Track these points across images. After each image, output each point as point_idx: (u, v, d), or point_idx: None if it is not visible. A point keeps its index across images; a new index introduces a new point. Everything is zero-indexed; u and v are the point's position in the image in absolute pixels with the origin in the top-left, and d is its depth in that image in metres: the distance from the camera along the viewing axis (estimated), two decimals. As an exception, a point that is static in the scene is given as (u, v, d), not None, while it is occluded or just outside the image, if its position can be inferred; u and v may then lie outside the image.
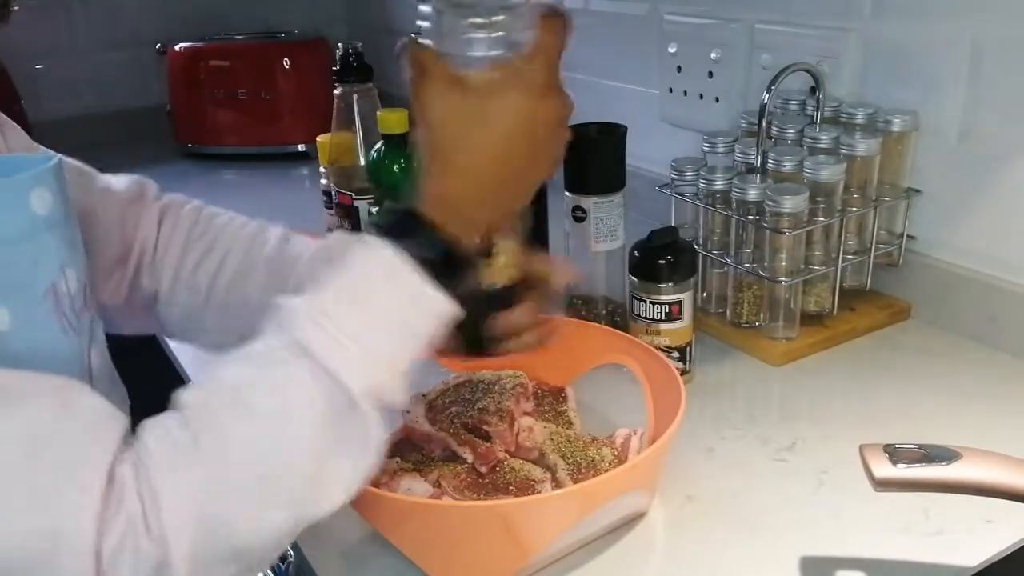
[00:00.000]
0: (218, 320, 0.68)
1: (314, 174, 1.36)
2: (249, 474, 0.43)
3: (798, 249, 0.85)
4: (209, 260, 0.68)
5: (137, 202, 0.70)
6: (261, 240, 0.69)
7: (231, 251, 0.68)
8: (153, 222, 0.70)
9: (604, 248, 0.89)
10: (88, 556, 0.39)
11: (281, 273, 0.67)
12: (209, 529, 0.42)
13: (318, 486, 0.45)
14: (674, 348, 0.80)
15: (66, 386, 0.44)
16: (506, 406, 0.69)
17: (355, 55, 1.08)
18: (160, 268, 0.69)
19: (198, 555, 0.41)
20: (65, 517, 0.39)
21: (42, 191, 0.47)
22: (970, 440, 0.56)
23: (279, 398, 0.45)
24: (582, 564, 0.61)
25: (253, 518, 0.43)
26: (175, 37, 1.72)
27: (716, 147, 0.93)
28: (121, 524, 0.40)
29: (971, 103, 0.84)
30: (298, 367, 0.45)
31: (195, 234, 0.70)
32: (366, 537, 0.64)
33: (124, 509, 0.40)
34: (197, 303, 0.68)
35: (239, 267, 0.68)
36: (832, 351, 0.88)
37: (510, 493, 0.62)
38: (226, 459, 0.43)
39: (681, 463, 0.70)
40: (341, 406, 0.45)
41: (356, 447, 0.46)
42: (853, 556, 0.60)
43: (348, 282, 0.49)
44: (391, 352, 0.48)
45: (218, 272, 0.68)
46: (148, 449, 0.42)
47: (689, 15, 1.11)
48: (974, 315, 0.87)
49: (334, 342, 0.46)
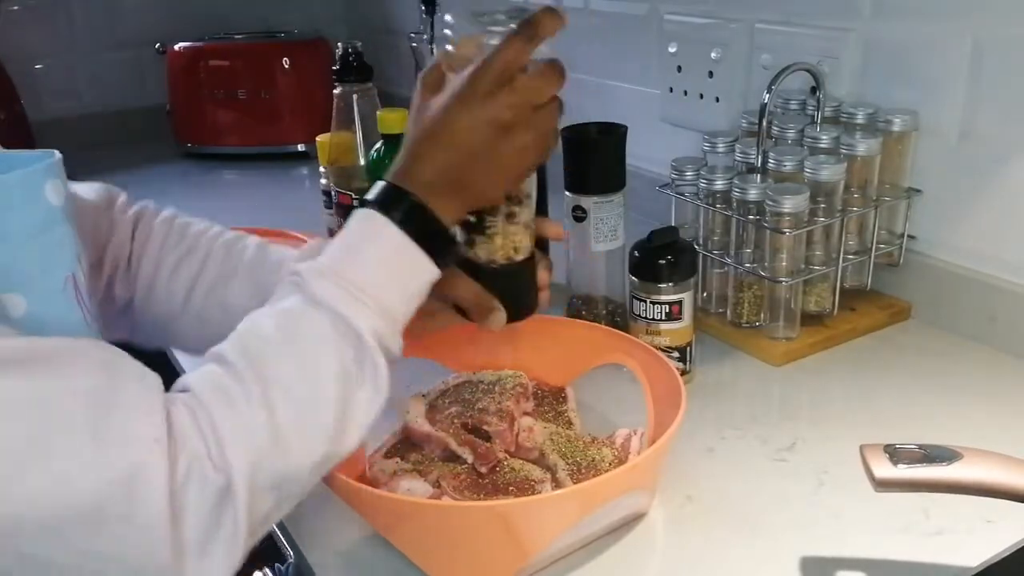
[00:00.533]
0: (195, 327, 0.70)
1: (314, 174, 1.36)
2: (292, 411, 0.49)
3: (798, 249, 0.85)
4: (186, 267, 0.70)
5: (108, 210, 0.71)
6: (240, 247, 0.71)
7: (210, 257, 0.70)
8: (127, 231, 0.71)
9: (604, 248, 0.89)
10: (163, 490, 0.43)
11: (262, 278, 0.69)
12: (262, 459, 0.47)
13: (344, 421, 0.51)
14: (674, 348, 0.80)
15: (103, 348, 0.47)
16: (506, 406, 0.69)
17: (355, 55, 1.08)
18: (135, 276, 0.70)
19: (254, 481, 0.46)
20: (142, 456, 0.43)
21: (55, 182, 0.49)
22: (970, 440, 0.56)
23: (307, 345, 0.51)
24: (582, 564, 0.61)
25: (297, 449, 0.49)
26: (175, 37, 1.72)
27: (716, 147, 0.93)
28: (187, 457, 0.44)
29: (971, 103, 0.84)
30: (318, 316, 0.52)
31: (171, 242, 0.71)
32: (366, 537, 0.64)
33: (188, 445, 0.45)
34: (174, 310, 0.70)
35: (219, 273, 0.70)
36: (832, 351, 0.88)
37: (510, 493, 0.62)
38: (271, 398, 0.48)
39: (681, 463, 0.70)
40: (356, 348, 0.52)
41: (370, 384, 0.52)
42: (853, 556, 0.60)
43: (350, 245, 0.55)
44: (391, 304, 0.54)
45: (197, 279, 0.70)
46: (202, 394, 0.48)
47: (689, 15, 1.11)
48: (974, 315, 0.87)
49: (342, 292, 0.52)
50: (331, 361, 0.51)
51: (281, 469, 0.48)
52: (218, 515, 0.45)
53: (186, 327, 0.70)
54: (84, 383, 0.44)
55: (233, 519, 0.45)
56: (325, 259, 0.54)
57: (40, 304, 0.48)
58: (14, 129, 1.54)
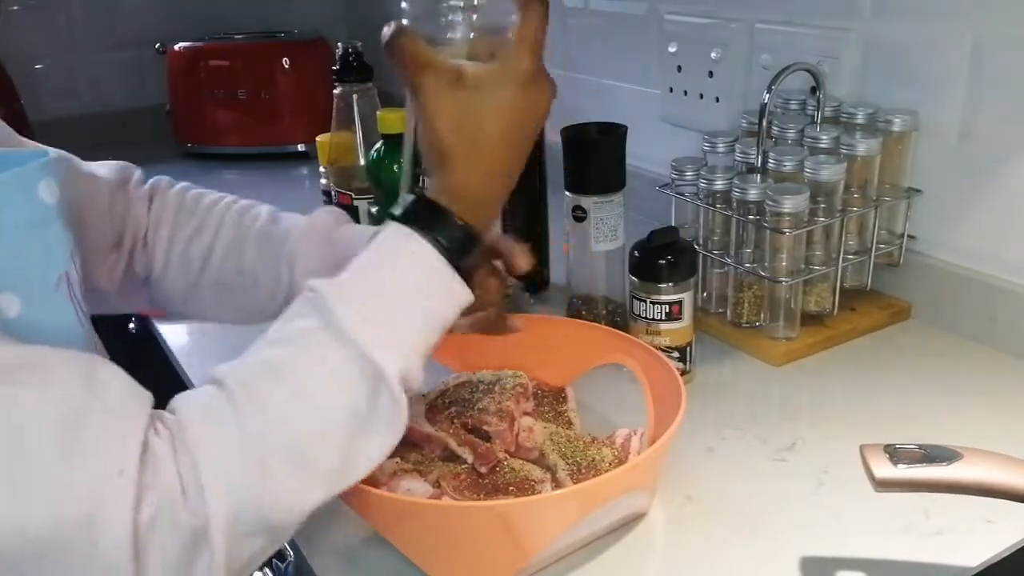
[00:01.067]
0: (214, 295, 0.69)
1: (314, 174, 1.37)
2: (287, 451, 0.44)
3: (798, 249, 0.85)
4: (201, 237, 0.69)
5: (123, 187, 0.71)
6: (251, 216, 0.70)
7: (222, 226, 0.69)
8: (143, 206, 0.71)
9: (604, 248, 0.89)
10: (125, 526, 0.39)
11: (272, 246, 0.68)
12: (246, 503, 0.43)
13: (349, 463, 0.47)
14: (674, 348, 0.80)
15: (92, 362, 0.44)
16: (506, 406, 0.69)
17: (355, 55, 1.08)
18: (152, 250, 0.70)
19: (234, 528, 0.42)
20: (102, 489, 0.39)
21: (49, 181, 0.48)
22: (970, 440, 0.56)
23: (315, 378, 0.46)
24: (582, 564, 0.61)
25: (289, 493, 0.44)
26: (175, 37, 1.72)
27: (716, 147, 0.93)
28: (157, 496, 0.40)
29: (971, 103, 0.84)
30: (333, 348, 0.47)
31: (184, 214, 0.70)
32: (366, 537, 0.64)
33: (161, 481, 0.41)
34: (191, 280, 0.69)
35: (231, 242, 0.69)
36: (832, 351, 0.88)
37: (510, 493, 0.62)
38: (265, 435, 0.44)
39: (681, 463, 0.70)
40: (373, 387, 0.47)
41: (384, 426, 0.48)
42: (853, 556, 0.60)
43: (377, 267, 0.51)
44: (416, 336, 0.50)
45: (211, 248, 0.69)
46: (187, 422, 0.43)
47: (689, 15, 1.11)
48: (974, 315, 0.87)
49: (366, 323, 0.47)
50: (343, 402, 0.46)
51: (268, 515, 0.44)
52: (190, 558, 0.41)
53: (205, 296, 0.70)
54: (61, 401, 0.40)
55: (208, 566, 0.41)
56: (349, 278, 0.50)
57: (34, 303, 0.47)
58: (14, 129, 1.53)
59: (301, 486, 0.45)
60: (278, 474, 0.44)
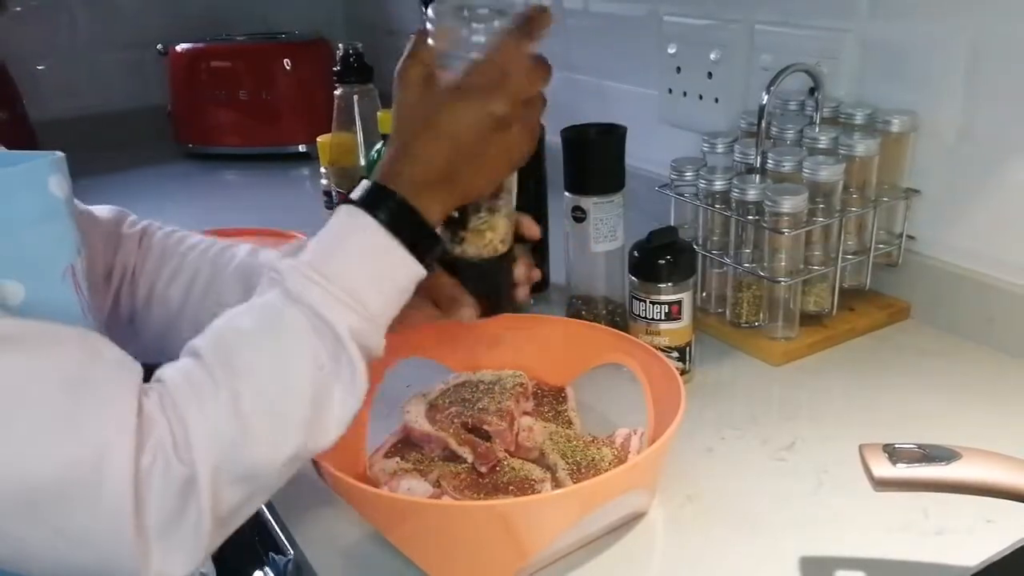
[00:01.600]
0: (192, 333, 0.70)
1: (314, 174, 1.37)
2: (261, 404, 0.49)
3: (797, 249, 0.85)
4: (180, 278, 0.72)
5: (117, 228, 0.74)
6: (228, 255, 0.73)
7: (200, 268, 0.72)
8: (133, 245, 0.74)
9: (604, 248, 0.89)
10: (128, 473, 0.44)
11: (252, 279, 0.69)
12: (228, 452, 0.48)
13: (318, 417, 0.51)
14: (674, 348, 0.80)
15: (89, 335, 0.49)
16: (506, 406, 0.69)
17: (355, 55, 1.09)
18: (136, 287, 0.73)
19: (219, 475, 0.47)
20: (107, 439, 0.44)
21: (59, 177, 0.51)
22: (969, 440, 0.56)
23: (281, 339, 0.51)
24: (582, 564, 0.61)
25: (266, 443, 0.49)
26: (176, 37, 1.73)
27: (715, 147, 0.94)
28: (153, 446, 0.45)
29: (970, 103, 0.84)
30: (294, 312, 0.52)
31: (168, 254, 0.74)
32: (366, 537, 0.64)
33: (154, 434, 0.46)
34: (170, 318, 0.72)
35: (209, 281, 0.72)
36: (831, 351, 0.88)
37: (510, 493, 0.62)
38: (240, 392, 0.49)
39: (681, 463, 0.70)
40: (333, 345, 0.52)
41: (346, 382, 0.52)
42: (853, 556, 0.60)
43: (332, 243, 0.55)
44: (372, 303, 0.54)
45: (189, 287, 0.72)
46: (172, 385, 0.49)
47: (688, 16, 1.12)
48: (973, 315, 0.87)
49: (322, 290, 0.52)
50: (305, 356, 0.51)
51: (249, 463, 0.49)
52: (182, 505, 0.46)
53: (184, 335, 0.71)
54: (64, 365, 0.45)
55: (197, 510, 0.46)
56: (306, 255, 0.54)
57: (39, 292, 0.49)
58: (16, 129, 1.54)
59: (276, 437, 0.50)
60: (254, 427, 0.49)
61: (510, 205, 0.65)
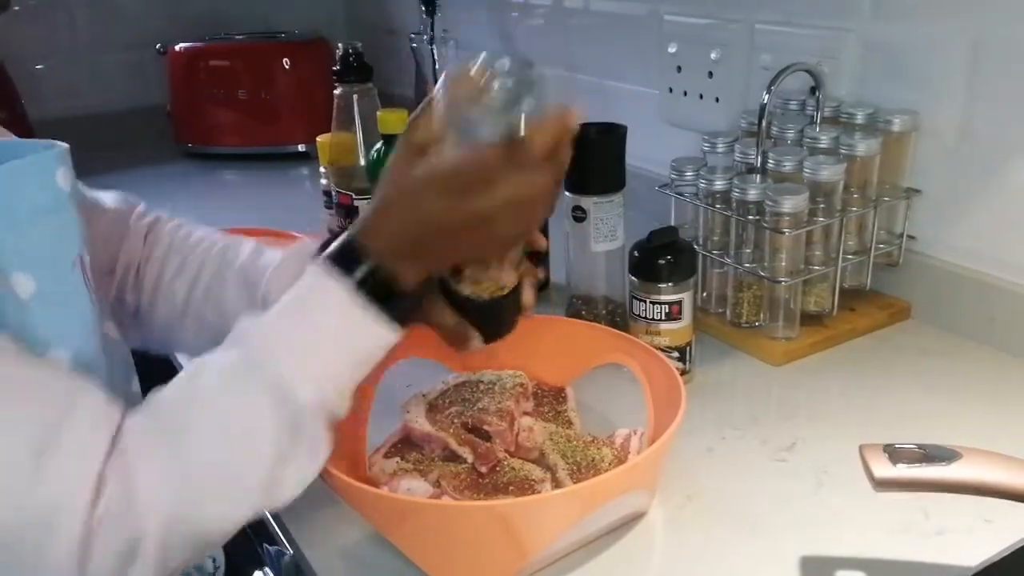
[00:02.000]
0: (195, 329, 0.72)
1: (314, 174, 1.36)
2: (215, 472, 0.49)
3: (798, 249, 0.85)
4: (185, 272, 0.72)
5: (124, 219, 0.73)
6: (233, 253, 0.72)
7: (205, 263, 0.72)
8: (139, 237, 0.73)
9: (604, 248, 0.89)
10: (78, 533, 0.44)
11: (252, 282, 0.70)
12: (178, 517, 0.47)
13: (274, 484, 0.51)
14: (674, 348, 0.80)
15: (73, 383, 0.49)
16: (506, 406, 0.69)
17: (355, 55, 1.08)
18: (142, 282, 0.73)
19: (166, 539, 0.47)
20: (62, 502, 0.44)
21: (65, 170, 0.51)
22: (969, 440, 0.56)
23: (241, 407, 0.50)
24: (582, 564, 0.61)
25: (217, 510, 0.49)
26: (175, 37, 1.73)
27: (716, 147, 0.93)
28: (103, 504, 0.45)
29: (971, 103, 0.84)
30: (257, 378, 0.51)
31: (174, 249, 0.73)
32: (366, 537, 0.64)
33: (106, 492, 0.45)
34: (175, 313, 0.72)
35: (213, 278, 0.71)
36: (832, 351, 0.88)
37: (510, 493, 0.62)
38: (195, 458, 0.48)
39: (681, 463, 0.70)
40: (292, 417, 0.51)
41: (307, 452, 0.52)
42: (853, 556, 0.60)
43: (299, 307, 0.54)
44: (337, 371, 0.53)
45: (194, 283, 0.71)
46: (128, 442, 0.47)
47: (689, 15, 1.12)
48: (974, 315, 0.87)
49: (285, 360, 0.51)
50: (265, 427, 0.50)
51: (197, 530, 0.48)
52: (124, 567, 0.46)
53: (189, 330, 0.72)
54: (36, 420, 0.45)
55: (142, 569, 0.46)
56: (271, 317, 0.53)
57: (50, 283, 0.50)
58: (15, 129, 1.51)
59: (228, 503, 0.49)
60: (205, 493, 0.48)
61: (516, 251, 0.62)
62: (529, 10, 1.43)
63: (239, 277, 0.70)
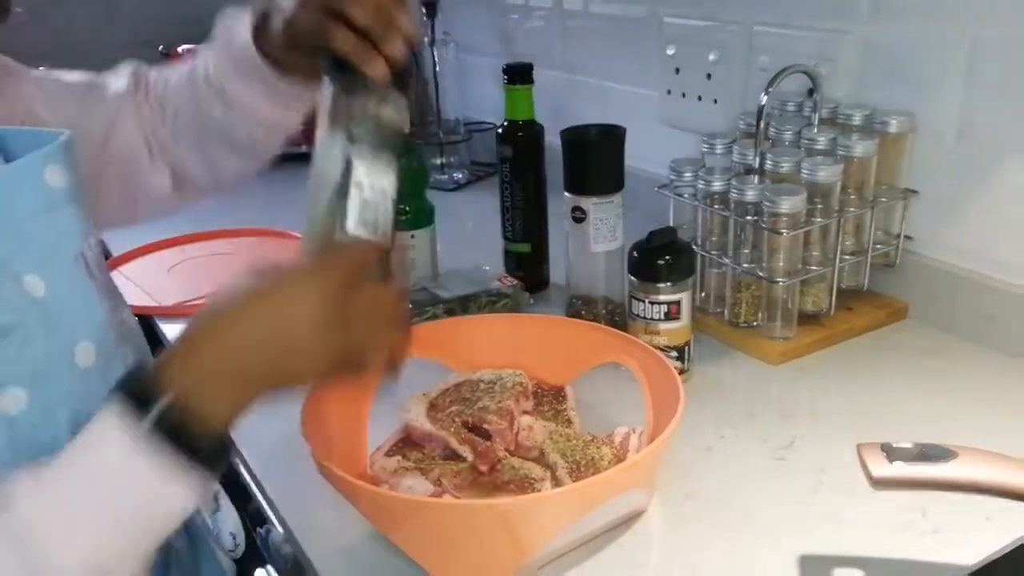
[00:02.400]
0: (222, 150, 0.82)
1: (314, 175, 1.36)
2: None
3: (796, 249, 0.86)
4: (180, 117, 0.78)
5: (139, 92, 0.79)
6: (197, 73, 0.76)
7: (180, 96, 0.78)
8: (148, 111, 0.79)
9: (603, 248, 0.89)
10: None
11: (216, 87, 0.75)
12: None
13: None
14: (673, 347, 0.81)
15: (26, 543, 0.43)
16: (506, 405, 0.69)
17: (355, 56, 1.08)
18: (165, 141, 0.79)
19: None
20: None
21: (54, 167, 0.51)
22: (967, 439, 0.56)
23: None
24: (582, 562, 0.61)
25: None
26: (177, 39, 1.72)
27: (714, 148, 0.94)
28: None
29: (968, 104, 0.85)
30: (9, 547, 0.42)
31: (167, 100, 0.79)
32: (366, 536, 0.64)
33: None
34: (200, 145, 0.79)
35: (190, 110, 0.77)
36: (830, 351, 0.89)
37: (510, 491, 0.62)
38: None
39: (680, 462, 0.70)
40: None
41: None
42: (851, 554, 0.61)
43: (74, 456, 0.45)
44: (117, 540, 0.45)
45: (187, 122, 0.78)
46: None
47: (688, 17, 1.12)
48: (971, 315, 0.87)
49: (53, 517, 0.43)
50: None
51: None
52: None
53: (215, 151, 0.82)
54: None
55: None
56: (50, 469, 0.44)
57: (55, 281, 0.50)
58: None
59: None
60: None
61: None
62: (529, 12, 1.43)
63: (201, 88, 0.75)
